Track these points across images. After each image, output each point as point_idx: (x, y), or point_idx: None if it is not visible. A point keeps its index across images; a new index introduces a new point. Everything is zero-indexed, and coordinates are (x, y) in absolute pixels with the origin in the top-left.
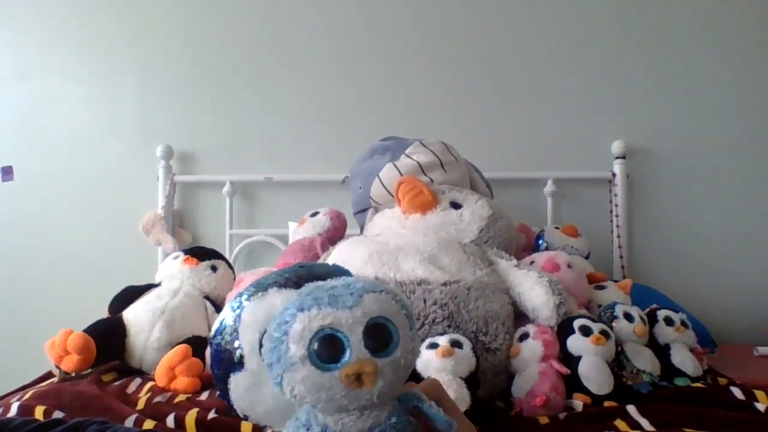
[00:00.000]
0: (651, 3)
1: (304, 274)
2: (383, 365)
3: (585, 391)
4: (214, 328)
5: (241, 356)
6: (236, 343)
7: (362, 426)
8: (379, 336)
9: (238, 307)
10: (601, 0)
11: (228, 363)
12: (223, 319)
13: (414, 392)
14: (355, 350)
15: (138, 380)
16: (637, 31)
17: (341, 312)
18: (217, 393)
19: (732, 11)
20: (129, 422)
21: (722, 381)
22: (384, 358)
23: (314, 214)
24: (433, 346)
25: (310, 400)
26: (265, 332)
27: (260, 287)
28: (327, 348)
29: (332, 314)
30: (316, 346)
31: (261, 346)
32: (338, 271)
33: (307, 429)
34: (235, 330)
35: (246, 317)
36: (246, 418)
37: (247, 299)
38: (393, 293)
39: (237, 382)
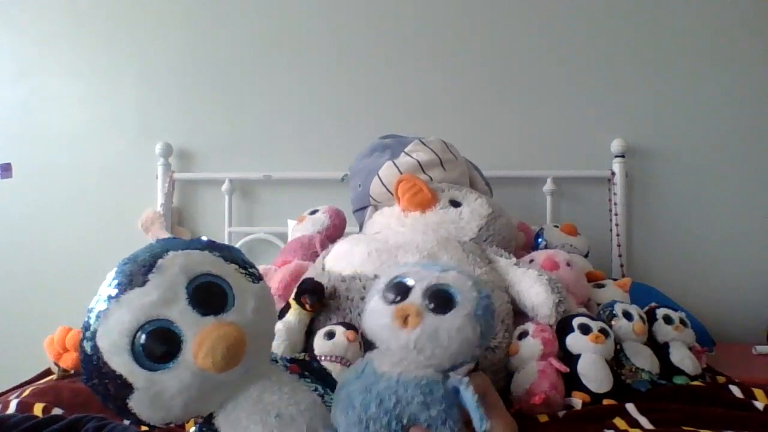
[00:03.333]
0: (650, 2)
1: (134, 269)
2: (429, 318)
3: (584, 389)
4: (82, 366)
5: (123, 380)
6: (112, 372)
7: (392, 369)
8: (441, 300)
9: (90, 338)
10: None
11: (117, 393)
12: (84, 353)
13: (462, 379)
14: (414, 296)
15: None
16: (636, 29)
17: (424, 270)
18: (127, 422)
19: (731, 10)
20: (127, 420)
21: (721, 379)
22: (433, 315)
23: (313, 212)
24: None
25: (369, 326)
26: (131, 346)
27: (99, 309)
28: (395, 291)
29: (417, 270)
30: (390, 287)
31: (136, 359)
32: (165, 244)
33: (359, 363)
34: (102, 360)
35: (103, 345)
36: (169, 425)
37: (95, 327)
38: (479, 283)
39: (137, 404)
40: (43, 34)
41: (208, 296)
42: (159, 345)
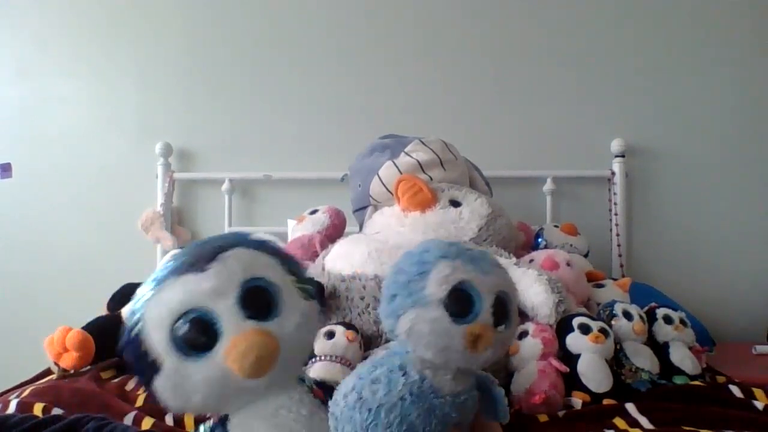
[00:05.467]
0: (650, 2)
1: (198, 253)
2: (497, 336)
3: (584, 389)
4: (122, 340)
5: (155, 360)
6: (146, 348)
7: (454, 388)
8: (503, 311)
9: (138, 309)
10: None
11: (146, 370)
12: (129, 324)
13: (489, 375)
14: (484, 314)
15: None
16: (636, 29)
17: (481, 274)
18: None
19: (731, 10)
20: (128, 419)
21: (721, 379)
22: (499, 332)
23: (313, 212)
24: None
25: (427, 342)
26: (172, 327)
27: (158, 281)
28: (461, 305)
29: (474, 273)
30: (452, 296)
31: (174, 341)
32: (236, 238)
33: (404, 374)
34: (142, 332)
35: (148, 318)
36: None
37: (146, 298)
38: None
39: (161, 385)
40: (43, 34)
41: (257, 300)
42: (197, 334)
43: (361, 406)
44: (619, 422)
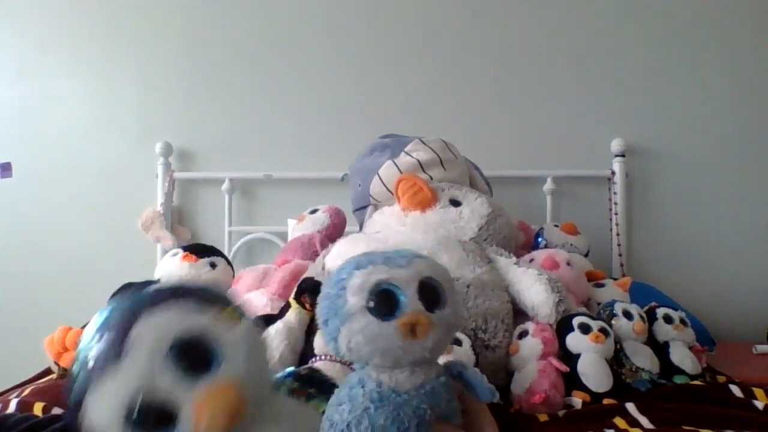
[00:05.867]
0: (651, 2)
1: (107, 351)
2: (435, 320)
3: (584, 388)
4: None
5: None
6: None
7: (415, 381)
8: (430, 294)
9: (74, 412)
10: None
11: None
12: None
13: (458, 361)
14: (411, 303)
15: None
16: (636, 29)
17: (396, 270)
18: None
19: (731, 9)
20: None
21: (721, 379)
22: (435, 314)
23: (313, 212)
24: None
25: (368, 350)
26: (129, 411)
27: (85, 381)
28: (383, 303)
29: (388, 271)
30: (373, 298)
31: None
32: (133, 305)
33: (362, 386)
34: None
35: (94, 423)
36: None
37: (82, 401)
38: (437, 262)
39: None
40: (43, 34)
41: (193, 356)
42: (155, 422)
43: (335, 430)
44: (619, 422)
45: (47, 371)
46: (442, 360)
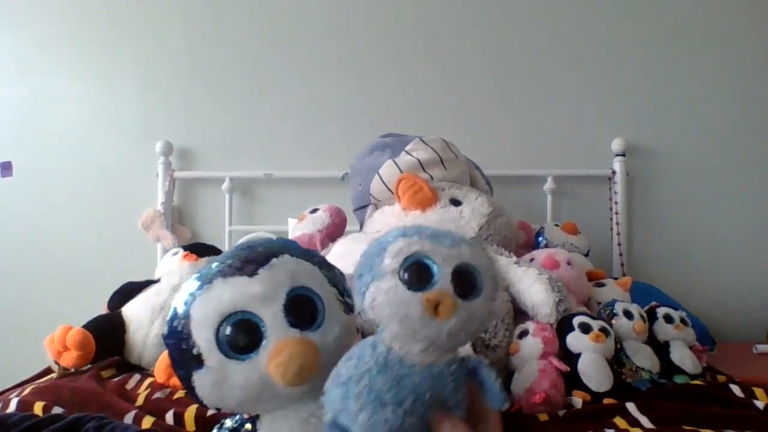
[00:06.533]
0: (651, 1)
1: (248, 257)
2: (461, 306)
3: (584, 388)
4: (165, 327)
5: (200, 354)
6: (192, 342)
7: (423, 359)
8: (465, 281)
9: (184, 303)
10: None
11: (187, 362)
12: (173, 318)
13: (478, 357)
14: (442, 282)
15: (137, 376)
16: (637, 28)
17: (439, 247)
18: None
19: (731, 9)
20: (128, 418)
21: (721, 378)
22: (464, 301)
23: (314, 211)
24: None
25: (388, 312)
26: (219, 326)
27: (205, 279)
28: (416, 274)
29: (431, 245)
30: (408, 266)
31: (218, 340)
32: (282, 243)
33: (373, 348)
34: (188, 327)
35: (195, 315)
36: (219, 410)
37: (193, 294)
38: (486, 253)
39: (201, 381)
40: (43, 34)
41: (302, 309)
42: (242, 336)
43: (337, 381)
44: (619, 421)
45: (47, 371)
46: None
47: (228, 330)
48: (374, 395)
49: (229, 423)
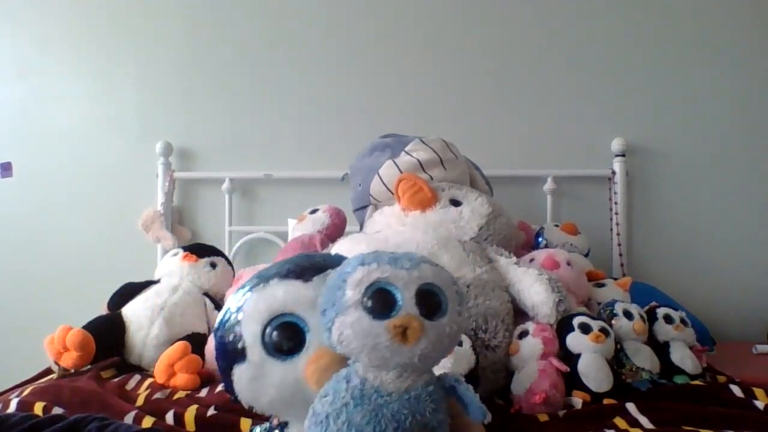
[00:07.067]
0: (651, 2)
1: (306, 264)
2: (429, 327)
3: (584, 388)
4: (218, 319)
5: (244, 348)
6: (239, 335)
7: (400, 385)
8: (429, 301)
9: (240, 299)
10: None
11: (231, 354)
12: (227, 311)
13: (454, 374)
14: (406, 306)
15: (137, 377)
16: (636, 28)
17: (399, 270)
18: (222, 385)
19: (731, 9)
20: (128, 419)
21: (721, 379)
22: (430, 322)
23: (314, 211)
24: None
25: (356, 345)
26: (267, 324)
27: (262, 278)
28: (379, 301)
29: (390, 270)
30: (370, 295)
31: (263, 337)
32: (339, 260)
33: (347, 381)
34: (238, 321)
35: (247, 308)
36: (251, 409)
37: (250, 290)
38: (447, 270)
39: (240, 374)
40: (43, 34)
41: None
42: (287, 339)
43: (315, 420)
44: (619, 422)
45: (47, 371)
46: (442, 369)
47: (274, 329)
48: (354, 430)
49: (258, 430)
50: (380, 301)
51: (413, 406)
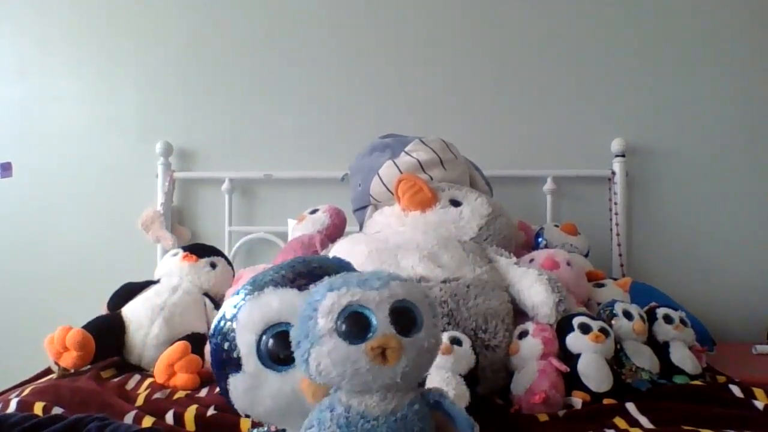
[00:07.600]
0: (651, 2)
1: (301, 270)
2: (407, 344)
3: (584, 388)
4: (212, 326)
5: (239, 357)
6: (234, 344)
7: (385, 408)
8: (404, 318)
9: (234, 306)
10: None
11: (226, 363)
12: (221, 318)
13: (437, 389)
14: (382, 326)
15: (137, 377)
16: (636, 28)
17: (369, 291)
18: (218, 390)
19: (731, 9)
20: (128, 419)
21: (721, 379)
22: (408, 338)
23: (314, 212)
24: None
25: (336, 374)
26: (263, 333)
27: (256, 286)
28: (354, 325)
29: (360, 293)
30: (343, 320)
31: (258, 347)
32: (337, 264)
33: (331, 411)
34: (233, 330)
35: (242, 318)
36: (248, 416)
37: (244, 298)
38: (417, 284)
39: (236, 383)
40: (44, 34)
41: (355, 326)
42: (282, 349)
43: None
44: (619, 422)
45: (47, 371)
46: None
47: (270, 339)
48: None
49: None
50: (355, 324)
51: (401, 427)
